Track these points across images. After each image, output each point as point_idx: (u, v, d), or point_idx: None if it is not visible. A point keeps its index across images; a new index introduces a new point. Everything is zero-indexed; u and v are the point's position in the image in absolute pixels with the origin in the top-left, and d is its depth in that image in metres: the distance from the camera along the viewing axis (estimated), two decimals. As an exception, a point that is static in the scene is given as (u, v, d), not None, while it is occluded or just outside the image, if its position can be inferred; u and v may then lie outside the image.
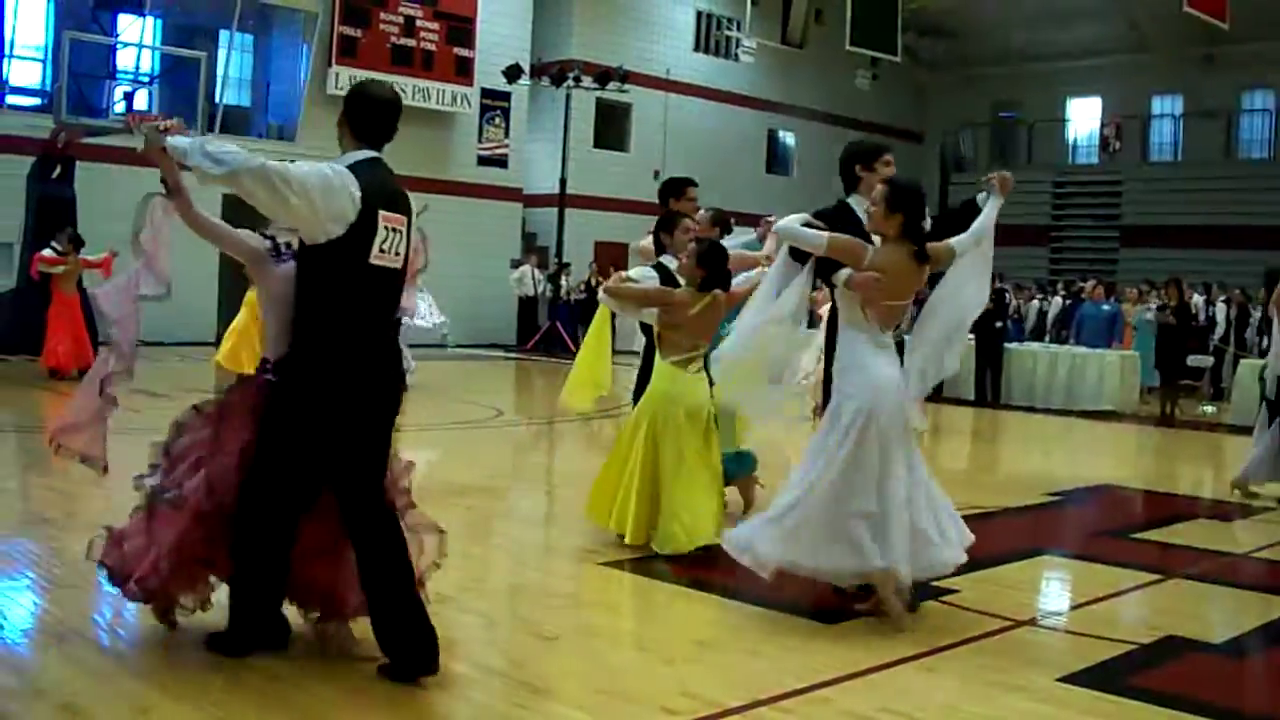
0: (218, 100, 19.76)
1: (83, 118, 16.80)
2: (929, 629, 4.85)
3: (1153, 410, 15.59)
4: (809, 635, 4.81)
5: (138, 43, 19.81)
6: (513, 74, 22.12)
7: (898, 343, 5.10)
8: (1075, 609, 5.69)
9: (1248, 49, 25.85)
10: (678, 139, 26.44)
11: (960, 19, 29.92)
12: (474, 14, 22.85)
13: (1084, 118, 31.12)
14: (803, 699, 4.02)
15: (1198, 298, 19.19)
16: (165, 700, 3.76)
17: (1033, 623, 5.26)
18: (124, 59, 19.83)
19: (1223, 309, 19.02)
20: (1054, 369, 16.03)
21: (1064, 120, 31.32)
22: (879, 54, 23.80)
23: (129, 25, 19.88)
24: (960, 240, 4.99)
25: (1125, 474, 11.07)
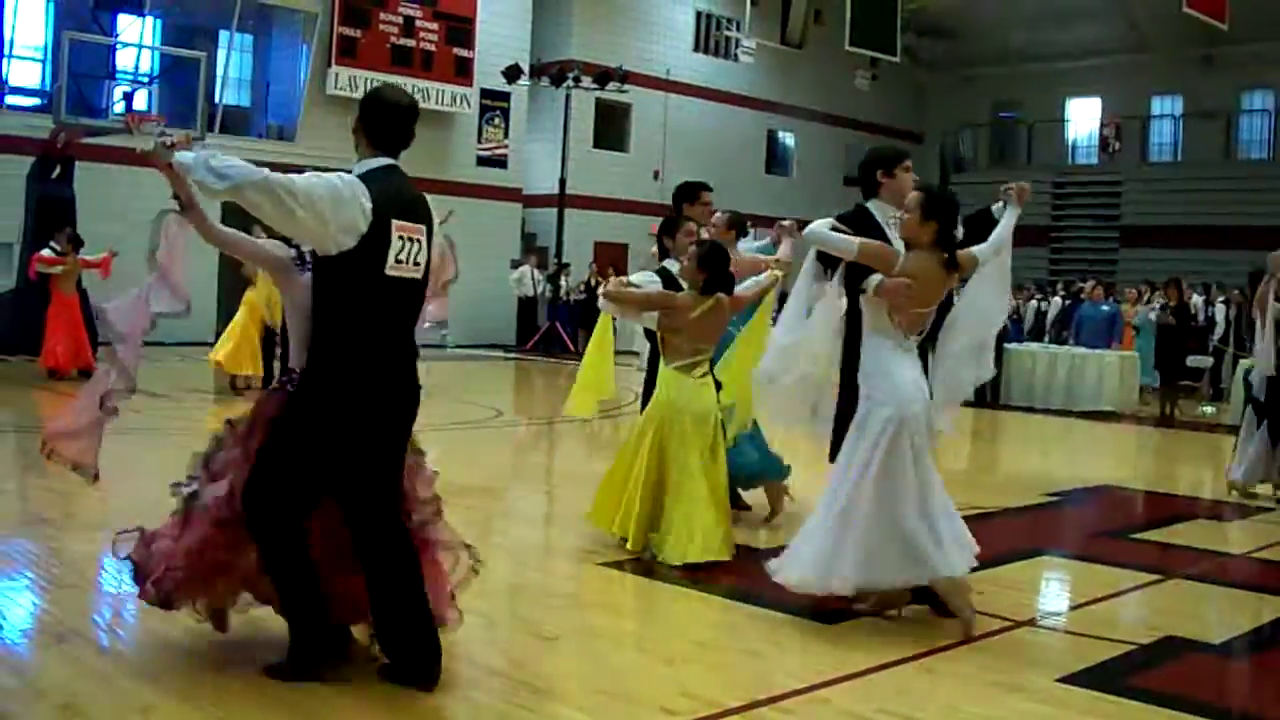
0: (217, 100, 19.79)
1: (82, 118, 16.82)
2: (929, 629, 4.86)
3: (1152, 411, 15.59)
4: (809, 635, 4.81)
5: (138, 43, 19.81)
6: (512, 74, 22.12)
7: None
8: (1075, 609, 5.69)
9: (1247, 49, 25.87)
10: (677, 139, 26.45)
11: (960, 19, 29.92)
12: (473, 14, 22.87)
13: (1084, 118, 31.13)
14: (803, 699, 4.03)
15: (1197, 298, 19.17)
16: (165, 700, 3.76)
17: (1032, 623, 5.26)
18: (124, 59, 19.84)
19: (1222, 309, 19.01)
20: (1053, 369, 16.02)
21: (1064, 120, 31.33)
22: (878, 54, 23.79)
23: (129, 25, 19.86)
24: (982, 250, 5.03)
25: (1125, 474, 11.07)
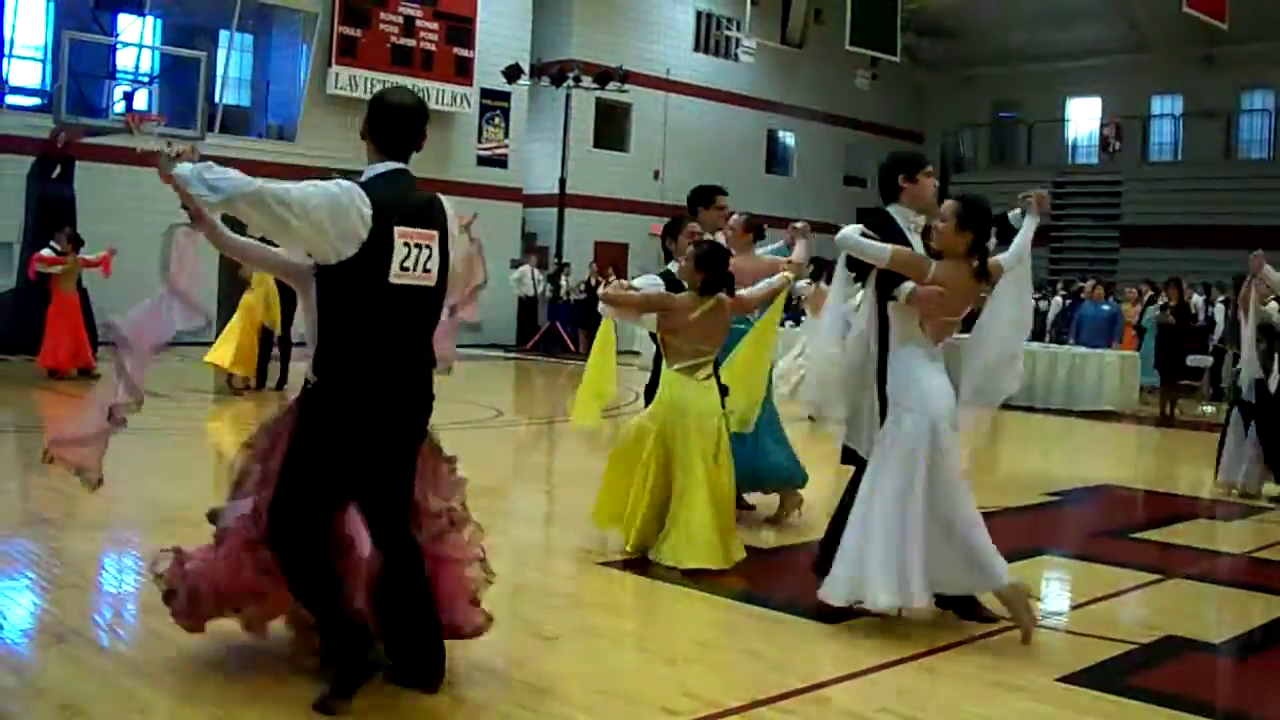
0: (218, 100, 19.77)
1: (82, 118, 16.80)
2: (929, 629, 4.85)
3: (1152, 410, 15.59)
4: (809, 635, 4.82)
5: (138, 43, 19.80)
6: (512, 74, 22.11)
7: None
8: (1075, 609, 5.69)
9: (1247, 49, 25.86)
10: (677, 139, 26.44)
11: (960, 19, 29.91)
12: (474, 14, 22.86)
13: (1084, 118, 31.12)
14: (803, 699, 4.03)
15: (1197, 298, 19.18)
16: (165, 700, 3.77)
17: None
18: (124, 59, 19.83)
19: (1222, 309, 18.99)
20: (1053, 369, 16.01)
21: (1064, 120, 31.32)
22: (878, 54, 23.81)
23: (129, 25, 19.85)
24: (1006, 258, 5.03)
25: (1125, 474, 11.08)
